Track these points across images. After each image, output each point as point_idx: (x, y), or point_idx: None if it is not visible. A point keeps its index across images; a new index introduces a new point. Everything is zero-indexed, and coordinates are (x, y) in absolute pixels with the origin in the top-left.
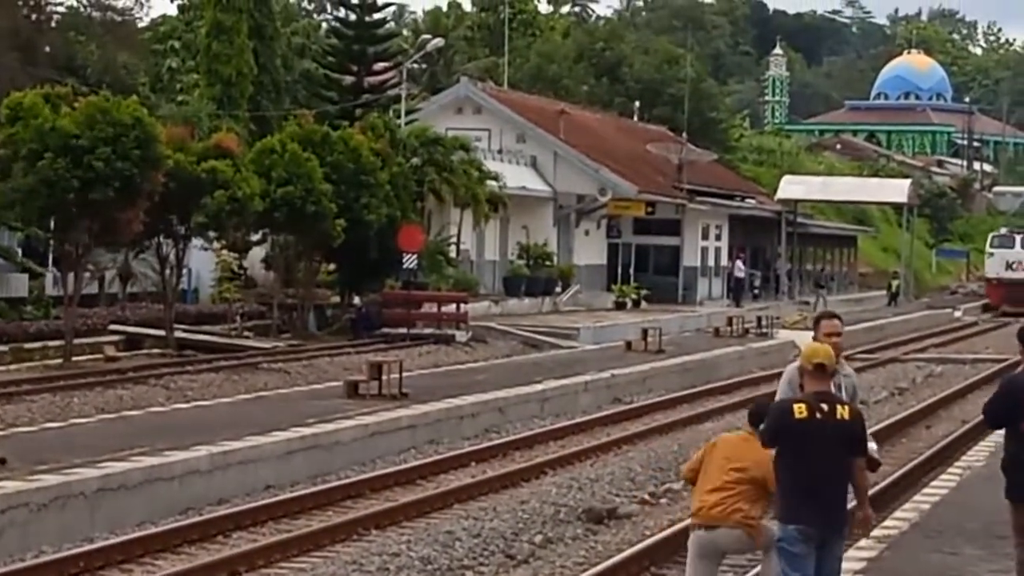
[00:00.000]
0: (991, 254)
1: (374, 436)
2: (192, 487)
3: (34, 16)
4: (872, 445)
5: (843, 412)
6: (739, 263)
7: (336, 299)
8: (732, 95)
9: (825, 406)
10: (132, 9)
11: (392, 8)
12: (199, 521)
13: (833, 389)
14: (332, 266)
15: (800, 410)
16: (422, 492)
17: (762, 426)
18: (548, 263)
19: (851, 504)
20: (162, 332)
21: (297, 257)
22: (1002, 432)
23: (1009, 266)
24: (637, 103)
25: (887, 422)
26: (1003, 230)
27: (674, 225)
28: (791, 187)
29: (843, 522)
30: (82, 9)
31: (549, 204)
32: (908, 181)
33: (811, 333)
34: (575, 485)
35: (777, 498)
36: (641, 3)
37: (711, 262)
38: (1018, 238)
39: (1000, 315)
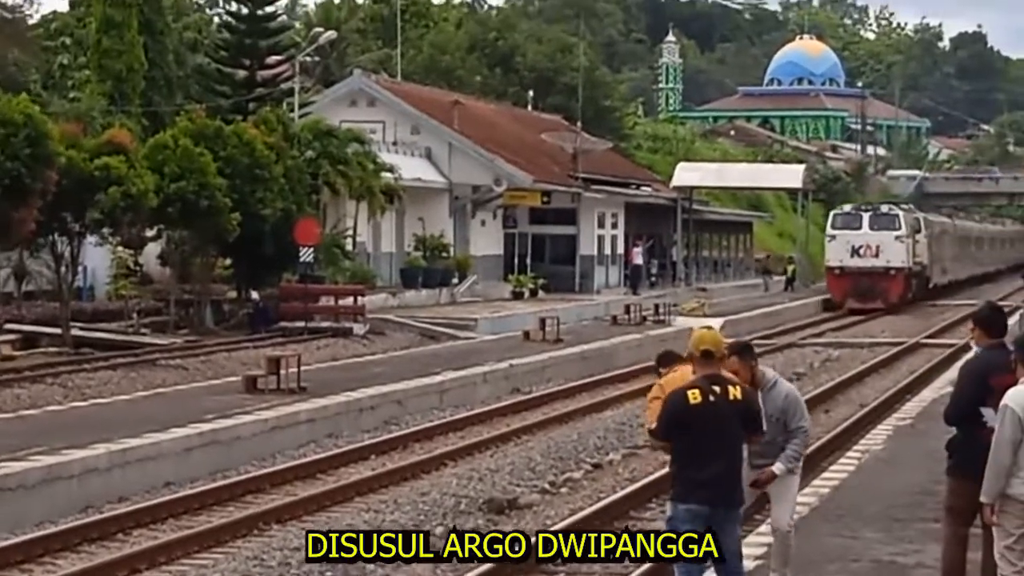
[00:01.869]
0: (832, 237)
1: (273, 431)
2: (91, 485)
3: None
4: (780, 466)
5: (735, 392)
6: (636, 250)
7: (233, 294)
8: (626, 83)
9: (717, 388)
10: (22, 6)
11: (284, 1)
12: (99, 519)
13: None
14: (228, 261)
15: (694, 396)
16: (322, 486)
17: (651, 425)
18: (445, 254)
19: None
20: (58, 330)
21: (193, 252)
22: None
23: (855, 252)
24: (531, 92)
25: None
26: (847, 208)
27: (570, 214)
28: (686, 174)
29: (736, 502)
30: None
31: (444, 195)
32: (802, 166)
33: (707, 320)
34: (475, 476)
35: (671, 479)
36: None
37: (607, 250)
38: (866, 217)
39: (848, 313)
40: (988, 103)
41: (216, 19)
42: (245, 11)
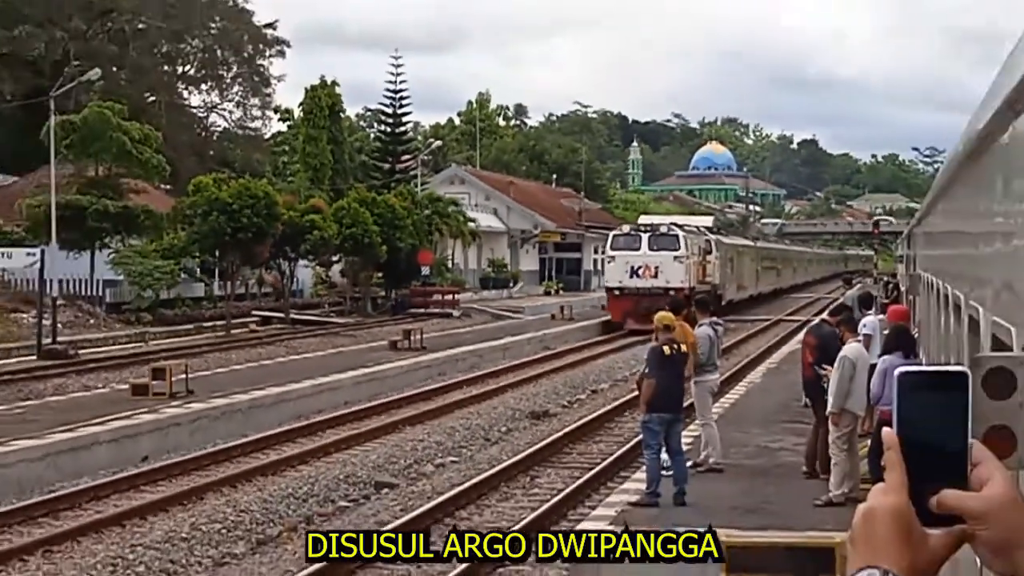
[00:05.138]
0: (611, 258)
1: (407, 372)
2: (302, 405)
3: (203, 133)
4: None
5: (684, 347)
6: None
7: (383, 293)
8: (609, 170)
9: (676, 345)
10: (260, 128)
11: (410, 124)
12: (307, 424)
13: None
14: (380, 274)
15: (668, 350)
16: (434, 404)
17: (644, 369)
18: (505, 270)
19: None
20: (283, 315)
21: (360, 269)
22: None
23: (634, 272)
24: (554, 176)
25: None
26: (626, 228)
27: (578, 246)
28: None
29: (680, 410)
30: (230, 127)
31: (504, 236)
32: (711, 217)
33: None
34: (524, 397)
35: (644, 398)
36: (555, 117)
37: (599, 267)
38: (645, 238)
39: (628, 334)
40: (819, 179)
41: (372, 133)
42: (388, 131)
